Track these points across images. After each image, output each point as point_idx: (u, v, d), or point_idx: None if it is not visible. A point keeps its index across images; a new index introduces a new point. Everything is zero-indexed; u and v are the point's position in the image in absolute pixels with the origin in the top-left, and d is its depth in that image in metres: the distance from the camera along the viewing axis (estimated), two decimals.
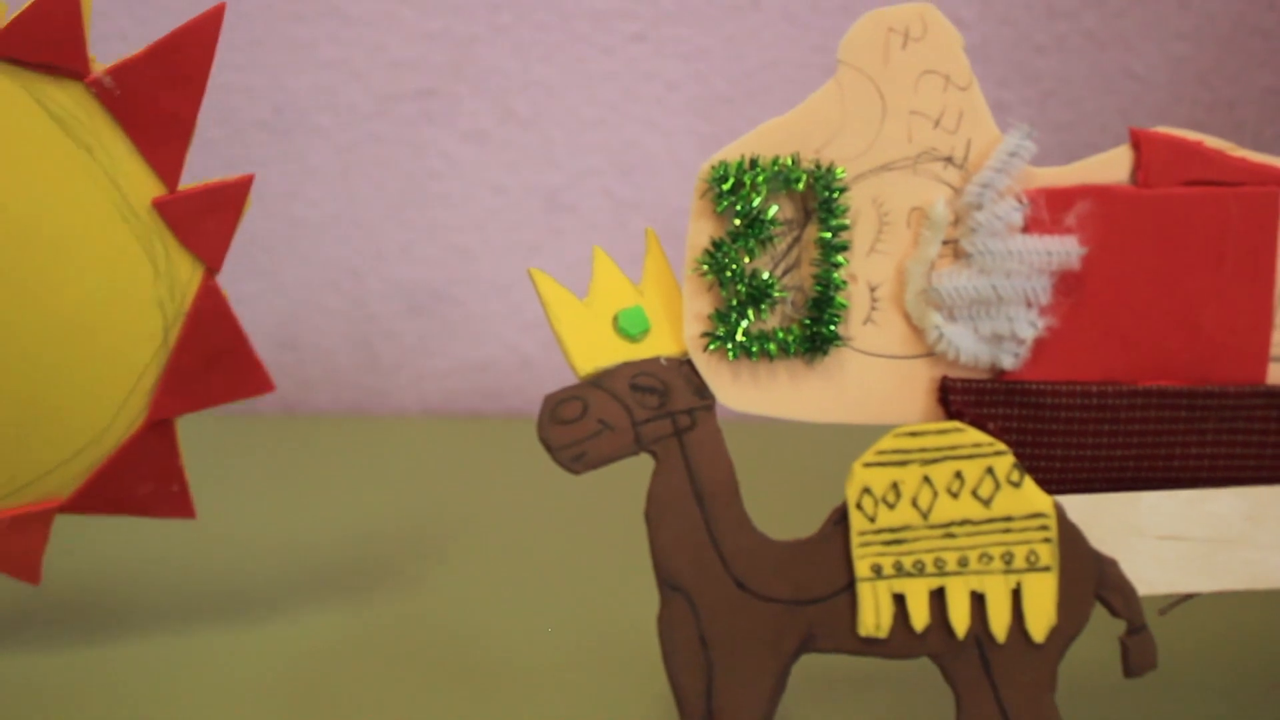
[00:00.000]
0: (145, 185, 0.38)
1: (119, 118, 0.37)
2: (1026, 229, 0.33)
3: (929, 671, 0.33)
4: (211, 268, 0.39)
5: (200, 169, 0.39)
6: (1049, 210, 0.33)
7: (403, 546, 0.51)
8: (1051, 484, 0.33)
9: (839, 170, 0.32)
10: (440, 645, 0.43)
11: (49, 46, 0.35)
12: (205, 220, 0.35)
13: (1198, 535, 0.34)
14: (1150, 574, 0.34)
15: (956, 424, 0.32)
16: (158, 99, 0.37)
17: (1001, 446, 0.32)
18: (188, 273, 0.39)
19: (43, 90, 0.36)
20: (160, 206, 0.38)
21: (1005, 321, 0.33)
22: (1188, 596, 0.35)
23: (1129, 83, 0.67)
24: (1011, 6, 0.65)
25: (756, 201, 0.32)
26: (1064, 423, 0.33)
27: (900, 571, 0.32)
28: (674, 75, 0.65)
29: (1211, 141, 0.33)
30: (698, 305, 0.33)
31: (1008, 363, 0.33)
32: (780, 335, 0.33)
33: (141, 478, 0.41)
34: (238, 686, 0.41)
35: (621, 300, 0.33)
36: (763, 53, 0.66)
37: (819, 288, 0.33)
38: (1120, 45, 0.66)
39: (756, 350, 0.33)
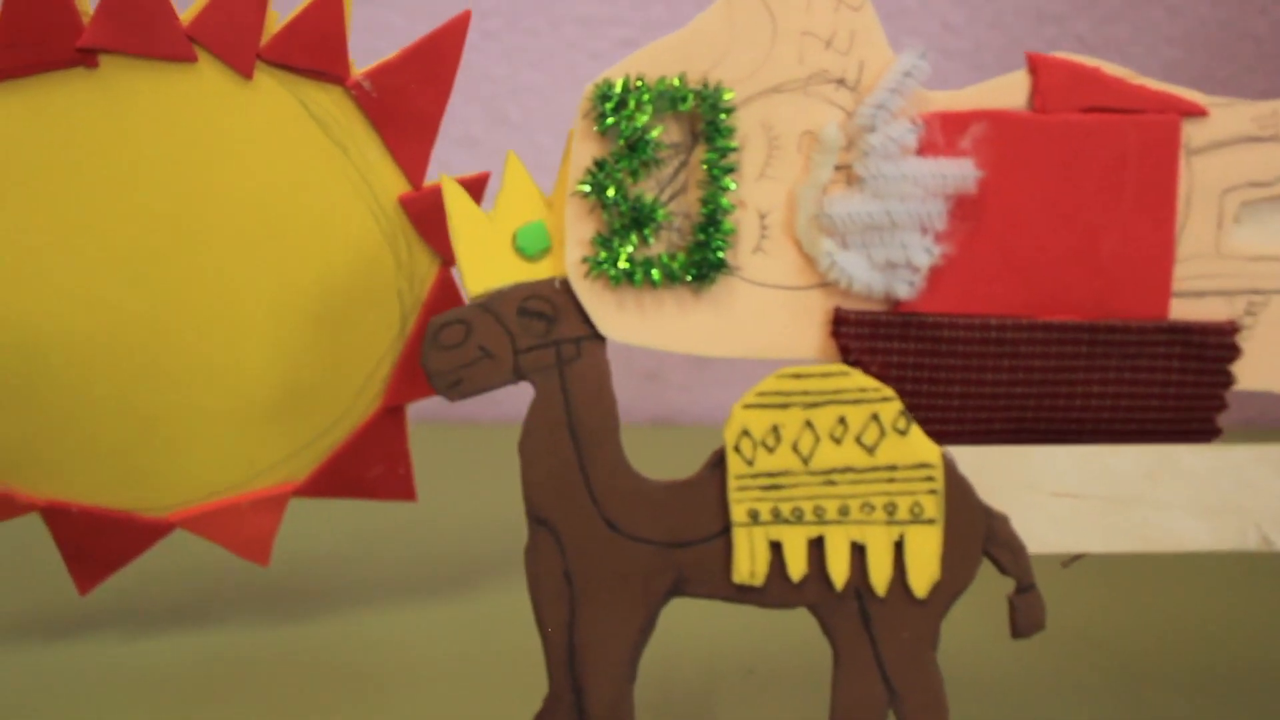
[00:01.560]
0: (392, 182, 0.39)
1: (373, 118, 0.38)
2: (921, 152, 0.31)
3: None
4: (447, 261, 0.40)
5: None
6: (944, 134, 0.31)
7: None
8: (949, 423, 0.32)
9: (727, 92, 0.31)
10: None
11: (314, 53, 0.37)
12: (443, 216, 0.35)
13: (1094, 493, 0.32)
14: (1043, 531, 0.32)
15: (841, 367, 0.31)
16: (408, 100, 0.38)
17: (889, 392, 0.30)
18: (425, 265, 0.40)
19: (307, 93, 0.38)
20: (405, 203, 0.39)
21: (899, 248, 0.31)
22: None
23: None
24: (1002, 11, 0.65)
25: (641, 121, 0.31)
26: (962, 357, 0.32)
27: (778, 518, 0.30)
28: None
29: (1110, 68, 0.32)
30: (580, 230, 0.31)
31: (903, 291, 0.31)
32: (665, 261, 0.31)
33: (373, 461, 0.42)
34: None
35: (526, 214, 0.32)
36: None
37: (706, 210, 0.31)
38: (1111, 50, 0.66)
39: (640, 277, 0.31)
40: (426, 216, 0.39)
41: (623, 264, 0.31)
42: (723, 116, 0.31)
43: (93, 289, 0.38)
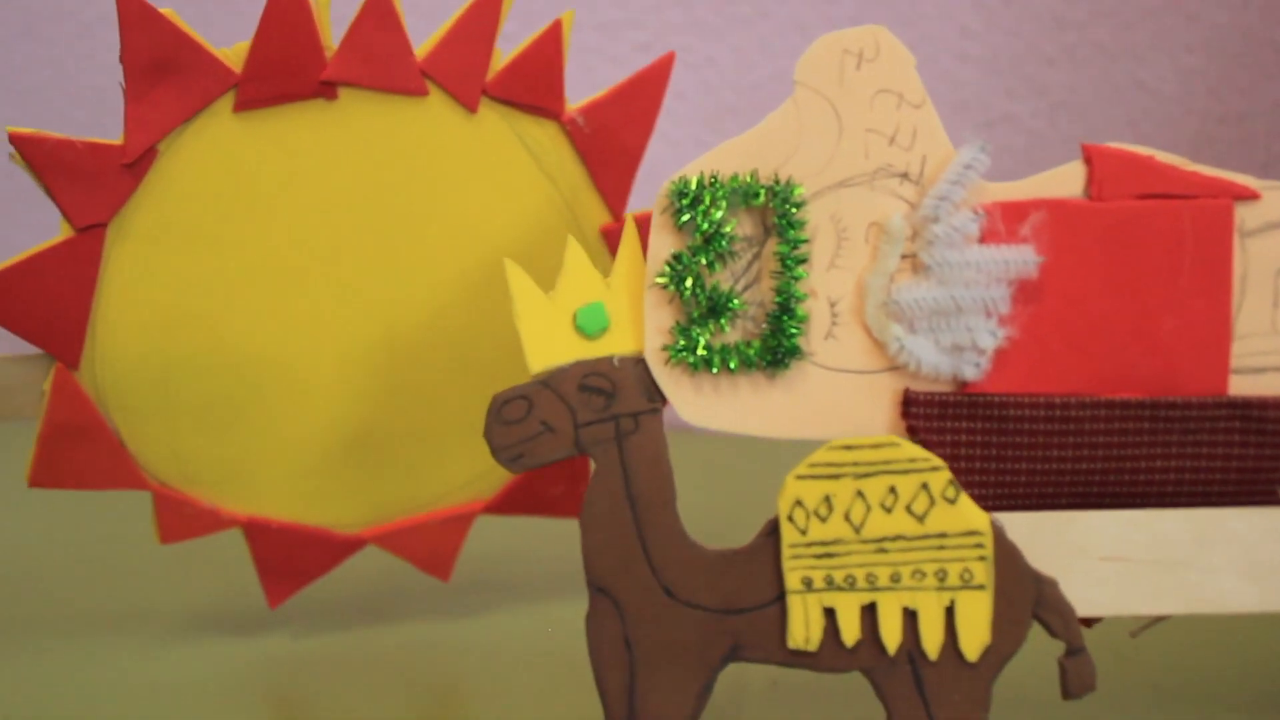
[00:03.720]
0: (596, 213, 0.41)
1: (581, 152, 0.40)
2: (983, 240, 0.33)
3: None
4: None
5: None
6: (1004, 222, 0.33)
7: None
8: (1016, 498, 0.33)
9: (797, 187, 0.33)
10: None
11: (534, 90, 0.39)
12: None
13: (1142, 557, 0.33)
14: (1092, 595, 0.33)
15: (891, 438, 0.32)
16: (615, 135, 0.40)
17: (937, 462, 0.32)
18: None
19: (523, 126, 0.39)
20: (606, 233, 0.41)
21: (965, 332, 0.33)
22: (1159, 619, 0.34)
23: (1139, 95, 0.66)
24: (1020, 18, 0.64)
25: (717, 216, 0.33)
26: (1028, 435, 0.33)
27: (831, 585, 0.32)
28: (681, 85, 0.64)
29: (1163, 156, 0.34)
30: (659, 318, 0.33)
31: (969, 373, 0.33)
32: (741, 348, 0.33)
33: (557, 480, 0.43)
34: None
35: (586, 295, 0.33)
36: (771, 63, 0.65)
37: (779, 299, 0.33)
38: (1130, 57, 0.66)
39: (717, 363, 0.33)
40: None
41: (701, 351, 0.33)
42: (794, 211, 0.33)
43: (310, 311, 0.40)
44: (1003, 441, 0.33)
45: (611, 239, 0.41)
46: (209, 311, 0.38)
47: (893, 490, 0.32)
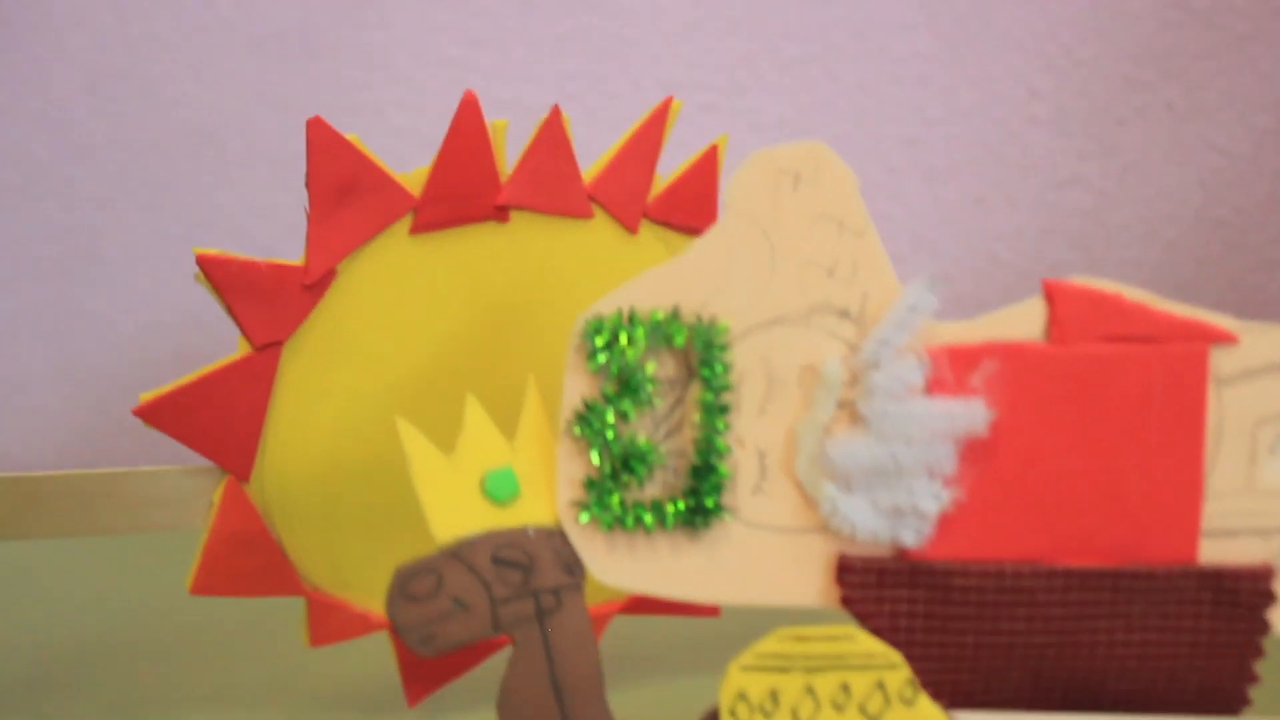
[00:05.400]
0: None
1: None
2: (928, 390, 0.30)
3: None
4: None
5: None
6: (954, 369, 0.30)
7: None
8: (962, 674, 0.30)
9: (723, 324, 0.30)
10: None
11: (691, 212, 0.40)
12: None
13: None
14: None
15: (847, 630, 0.29)
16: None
17: (896, 658, 0.28)
18: None
19: (678, 246, 0.40)
20: None
21: (906, 494, 0.29)
22: None
23: (1210, 155, 0.64)
24: (1089, 79, 0.62)
25: (633, 357, 0.30)
26: (974, 605, 0.30)
27: None
28: (746, 146, 0.62)
29: (1132, 294, 0.30)
30: (571, 469, 0.30)
31: (909, 540, 0.30)
32: (658, 506, 0.30)
33: None
34: None
35: (492, 459, 0.31)
36: (837, 125, 0.64)
37: (699, 455, 0.30)
38: (1201, 117, 0.64)
39: (631, 522, 0.30)
40: None
41: (615, 508, 0.30)
42: (718, 353, 0.30)
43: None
44: (947, 613, 0.30)
45: None
46: (373, 423, 0.38)
47: (845, 688, 0.29)
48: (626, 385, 0.30)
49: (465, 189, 0.37)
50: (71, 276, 0.60)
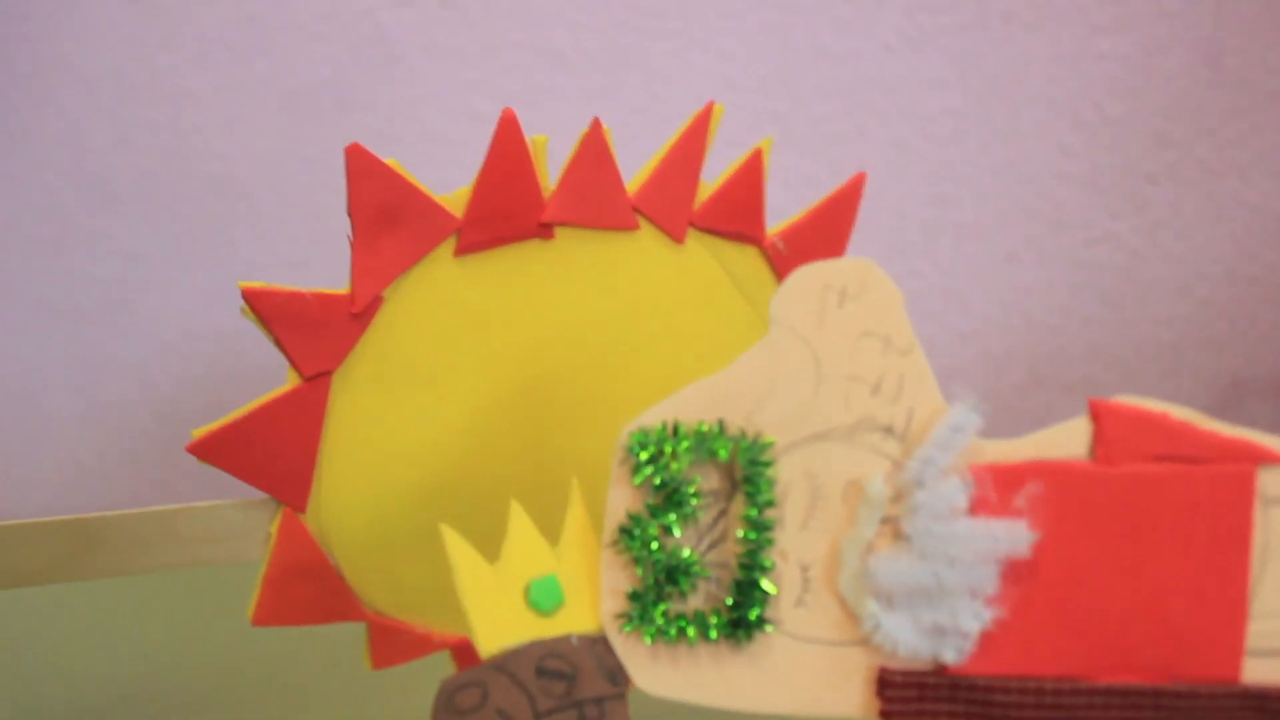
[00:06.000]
0: None
1: (780, 274, 0.40)
2: (972, 510, 0.30)
3: None
4: None
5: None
6: (997, 490, 0.30)
7: None
8: None
9: (767, 439, 0.30)
10: None
11: (737, 218, 0.40)
12: None
13: None
14: None
15: None
16: (811, 257, 0.40)
17: None
18: None
19: (726, 253, 0.40)
20: None
21: (948, 613, 0.29)
22: None
23: (1242, 212, 0.64)
24: (1120, 135, 0.62)
25: (677, 470, 0.30)
26: None
27: None
28: (777, 201, 0.62)
29: (1178, 412, 0.30)
30: (615, 580, 0.30)
31: (950, 657, 0.30)
32: (701, 618, 0.30)
33: None
34: None
35: (536, 566, 0.31)
36: (868, 181, 0.64)
37: (743, 571, 0.30)
38: (1234, 174, 0.63)
39: (674, 633, 0.30)
40: None
41: (658, 620, 0.30)
42: (763, 469, 0.30)
43: (526, 440, 0.40)
44: None
45: None
46: (426, 446, 0.38)
47: None
48: (670, 499, 0.30)
49: (508, 208, 0.37)
50: (103, 328, 0.60)
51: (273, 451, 0.36)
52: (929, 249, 0.62)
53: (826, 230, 0.41)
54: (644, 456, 0.30)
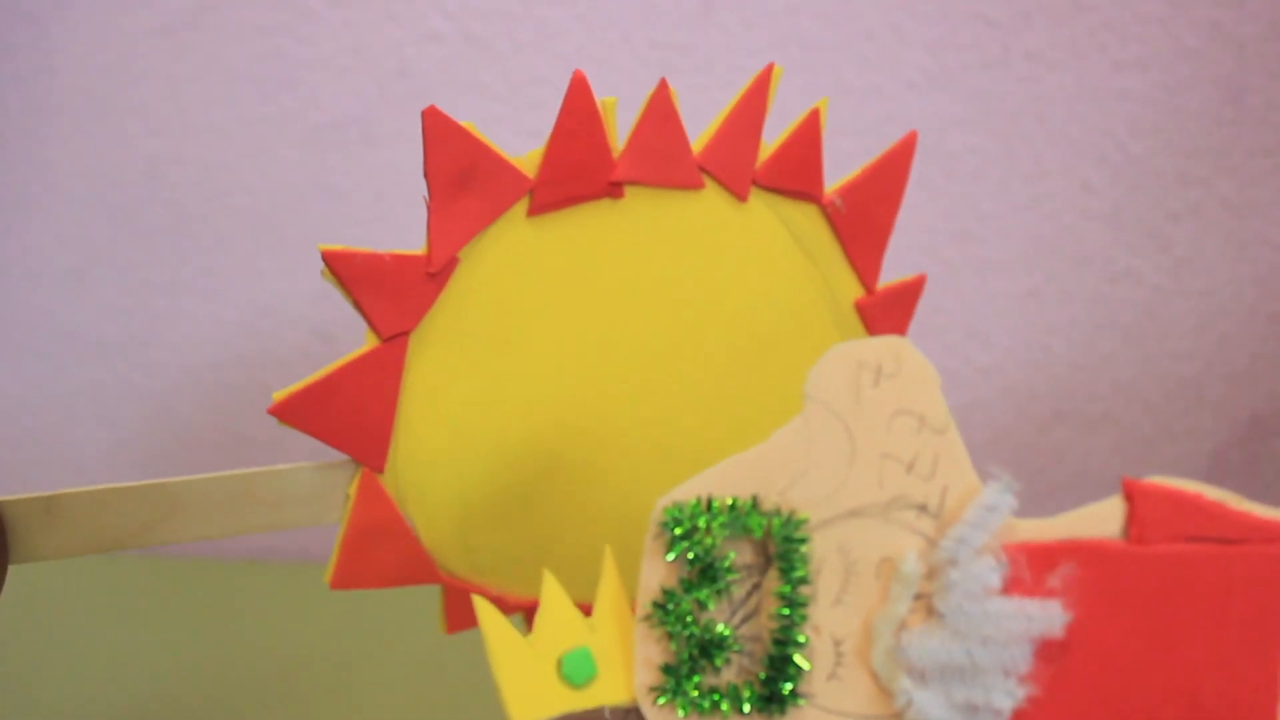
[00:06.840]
0: (850, 288, 0.43)
1: (838, 230, 0.42)
2: (1006, 590, 0.30)
3: None
4: None
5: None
6: (1031, 569, 0.30)
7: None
8: None
9: (801, 516, 0.30)
10: None
11: (797, 176, 0.40)
12: (889, 318, 0.39)
13: None
14: None
15: None
16: (868, 213, 0.42)
17: None
18: None
19: (786, 211, 0.41)
20: (860, 307, 0.43)
21: (981, 691, 0.30)
22: None
23: (1266, 251, 0.64)
24: (1143, 173, 0.62)
25: (711, 546, 0.30)
26: None
27: None
28: None
29: (1212, 493, 0.30)
30: (649, 652, 0.30)
31: None
32: (734, 691, 0.30)
33: None
34: None
35: (570, 638, 0.31)
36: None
37: (777, 647, 0.30)
38: (1257, 213, 0.64)
39: (708, 706, 0.30)
40: (876, 319, 0.43)
41: (691, 693, 0.30)
42: (797, 546, 0.30)
43: (598, 402, 0.40)
44: None
45: (865, 313, 0.43)
46: (501, 407, 0.39)
47: None
48: (704, 574, 0.30)
49: (579, 168, 0.37)
50: (130, 360, 0.60)
51: (352, 412, 0.37)
52: (952, 286, 0.63)
53: (882, 187, 0.42)
54: (678, 532, 0.30)
